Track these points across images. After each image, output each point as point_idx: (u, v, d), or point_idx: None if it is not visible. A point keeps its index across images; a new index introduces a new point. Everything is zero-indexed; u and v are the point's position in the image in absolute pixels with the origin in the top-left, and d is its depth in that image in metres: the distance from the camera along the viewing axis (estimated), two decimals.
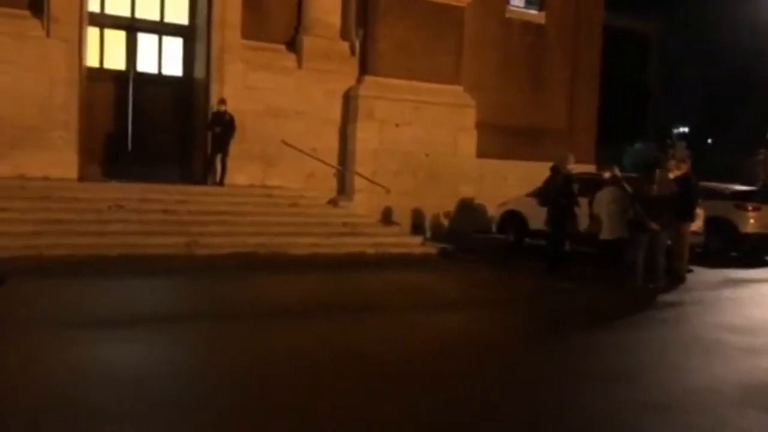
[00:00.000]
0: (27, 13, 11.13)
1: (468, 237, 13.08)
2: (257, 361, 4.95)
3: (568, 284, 8.79)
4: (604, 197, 8.78)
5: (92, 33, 12.73)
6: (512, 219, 12.83)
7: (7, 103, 10.69)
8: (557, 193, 9.01)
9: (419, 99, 13.61)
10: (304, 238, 10.22)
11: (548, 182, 9.30)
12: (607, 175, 9.31)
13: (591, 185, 9.49)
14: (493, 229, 13.54)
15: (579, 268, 9.29)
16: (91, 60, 12.76)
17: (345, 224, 11.16)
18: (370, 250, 10.35)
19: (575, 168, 9.68)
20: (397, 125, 13.50)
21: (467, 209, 14.19)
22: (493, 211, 13.82)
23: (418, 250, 10.85)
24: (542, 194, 9.51)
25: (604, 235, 8.68)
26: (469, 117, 14.32)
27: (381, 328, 6.16)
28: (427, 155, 13.78)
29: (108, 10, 13.63)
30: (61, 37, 11.13)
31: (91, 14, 12.34)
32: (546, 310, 7.68)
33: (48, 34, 11.10)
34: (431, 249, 10.99)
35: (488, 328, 6.56)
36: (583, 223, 9.33)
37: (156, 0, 14.03)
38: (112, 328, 5.63)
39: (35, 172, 10.75)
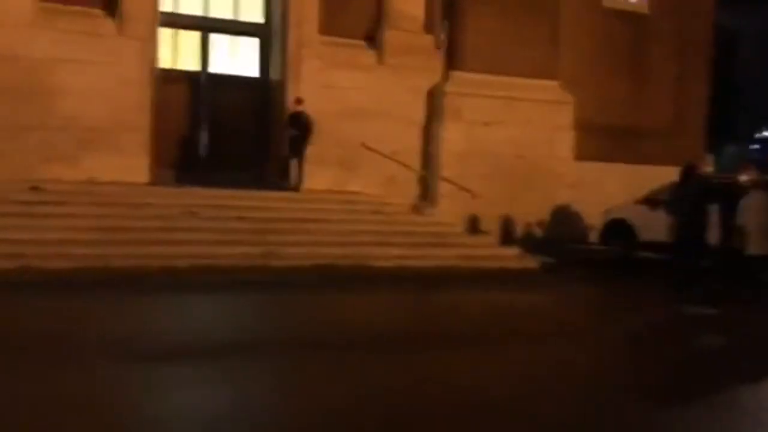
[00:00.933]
0: (100, 11, 10.65)
1: (565, 248, 11.70)
2: (354, 405, 3.89)
3: (709, 309, 7.29)
4: (752, 205, 7.30)
5: (165, 33, 12.22)
6: (619, 229, 11.37)
7: (79, 103, 10.22)
8: (694, 200, 7.55)
9: (511, 96, 12.38)
10: (389, 249, 9.18)
11: (680, 187, 7.87)
12: (744, 177, 7.84)
13: (725, 190, 8.04)
14: (594, 239, 12.12)
15: (715, 288, 7.79)
16: (164, 61, 12.25)
17: (432, 234, 10.07)
18: (462, 264, 9.19)
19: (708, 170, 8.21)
20: (486, 124, 12.30)
21: (563, 217, 12.80)
22: (592, 218, 12.43)
23: (516, 264, 9.61)
24: (672, 201, 8.05)
25: (753, 250, 7.19)
26: (566, 115, 12.96)
27: (494, 364, 4.98)
28: (519, 157, 12.52)
29: (181, 10, 13.14)
30: (134, 36, 10.58)
31: (164, 14, 11.82)
32: (697, 347, 6.17)
33: (120, 33, 10.58)
34: (530, 262, 9.73)
35: (631, 372, 5.10)
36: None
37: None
38: (187, 359, 4.68)
39: (105, 176, 10.21)
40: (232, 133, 12.58)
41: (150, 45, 10.77)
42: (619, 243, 11.31)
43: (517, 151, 12.51)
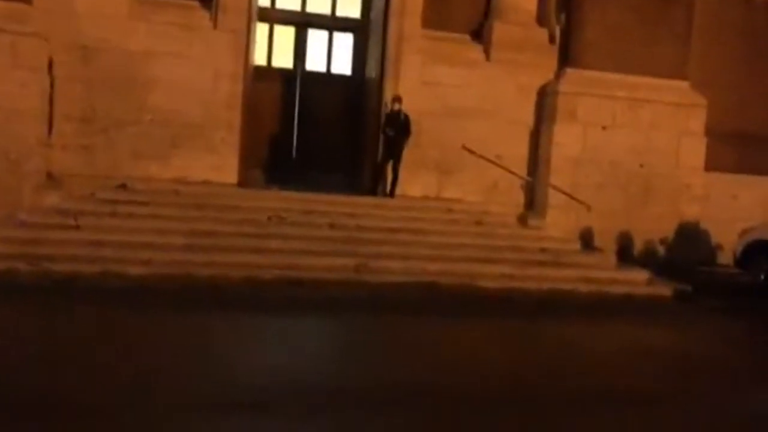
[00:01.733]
0: (196, 3, 10.21)
1: (693, 271, 10.19)
2: None
3: None
4: None
5: (261, 29, 11.73)
6: (762, 251, 9.75)
7: (174, 97, 9.80)
8: None
9: (634, 96, 10.96)
10: (494, 266, 8.12)
11: None
12: None
13: None
14: (728, 261, 10.51)
15: None
16: (259, 58, 11.76)
17: (543, 250, 8.90)
18: (581, 287, 7.98)
19: None
20: (604, 128, 10.95)
21: (689, 235, 11.23)
22: (723, 237, 10.84)
23: (644, 290, 8.27)
24: None
25: None
26: (697, 119, 11.36)
27: None
28: (641, 166, 11.07)
29: (279, 5, 12.65)
30: (229, 29, 10.06)
31: (261, 9, 11.30)
32: None
33: (215, 26, 10.09)
34: (662, 289, 8.36)
35: None
36: None
37: None
38: (283, 412, 3.73)
39: (195, 175, 9.78)
40: (324, 134, 11.93)
41: (245, 39, 10.22)
42: (763, 267, 9.70)
43: (638, 159, 11.07)
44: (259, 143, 11.10)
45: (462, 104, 10.91)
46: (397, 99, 10.38)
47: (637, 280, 8.55)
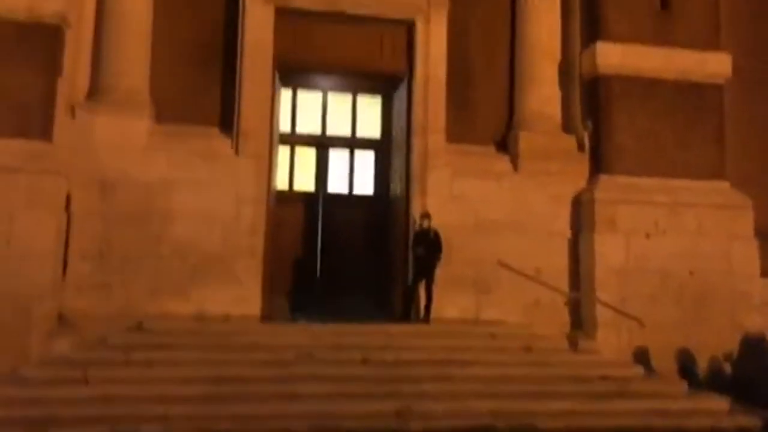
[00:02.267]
0: (216, 130, 10.03)
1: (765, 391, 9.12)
2: None
3: None
4: None
5: (282, 152, 11.53)
6: None
7: (194, 227, 9.39)
8: None
9: (674, 201, 10.38)
10: (554, 401, 7.18)
11: None
12: None
13: None
14: None
15: None
16: (280, 182, 11.48)
17: (604, 378, 7.96)
18: (656, 422, 6.97)
19: None
20: (647, 236, 10.28)
21: (755, 349, 10.22)
22: None
23: (729, 422, 7.20)
24: None
25: None
26: (745, 222, 10.68)
27: None
28: (691, 273, 10.28)
29: (299, 129, 12.56)
30: (251, 155, 9.79)
31: (282, 134, 11.15)
32: None
33: (237, 152, 9.84)
34: (748, 419, 7.30)
35: None
36: None
37: (347, 114, 12.82)
38: None
39: (216, 308, 9.14)
40: (350, 256, 11.40)
41: (267, 164, 9.93)
42: None
43: (687, 266, 10.30)
44: (283, 269, 10.55)
45: (494, 217, 10.38)
46: (426, 216, 9.87)
47: (718, 410, 7.51)
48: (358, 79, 12.47)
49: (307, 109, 12.77)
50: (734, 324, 10.22)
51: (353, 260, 11.18)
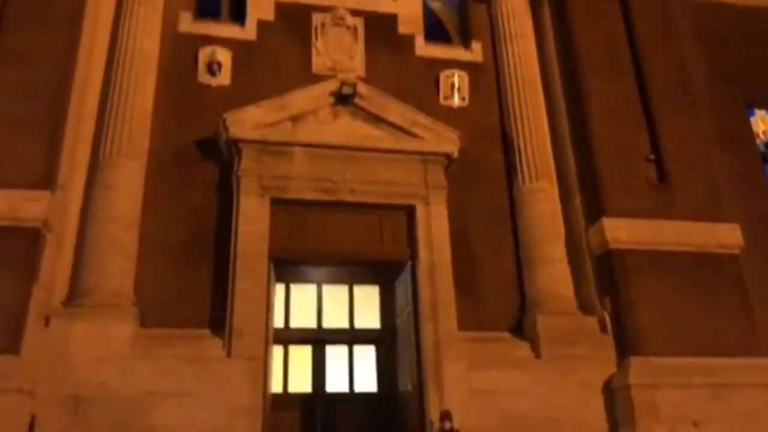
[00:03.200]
0: (206, 331, 9.09)
1: None
2: None
3: None
4: None
5: (275, 351, 10.52)
6: None
7: None
8: None
9: (716, 382, 9.37)
10: None
11: None
12: None
13: None
14: None
15: None
16: (275, 383, 10.32)
17: None
18: None
19: None
20: (695, 424, 9.11)
21: None
22: None
23: None
24: None
25: None
26: None
27: None
28: None
29: (294, 323, 11.71)
30: (244, 356, 8.76)
31: (276, 330, 10.23)
32: None
33: (229, 354, 8.81)
34: None
35: None
36: None
37: (344, 305, 12.10)
38: None
39: None
40: None
41: (262, 366, 8.86)
42: None
43: None
44: None
45: (521, 411, 9.20)
46: (446, 415, 8.61)
47: None
48: (355, 269, 11.94)
49: (302, 302, 12.07)
50: None
51: None
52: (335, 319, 12.07)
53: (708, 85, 12.01)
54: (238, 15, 11.24)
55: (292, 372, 11.42)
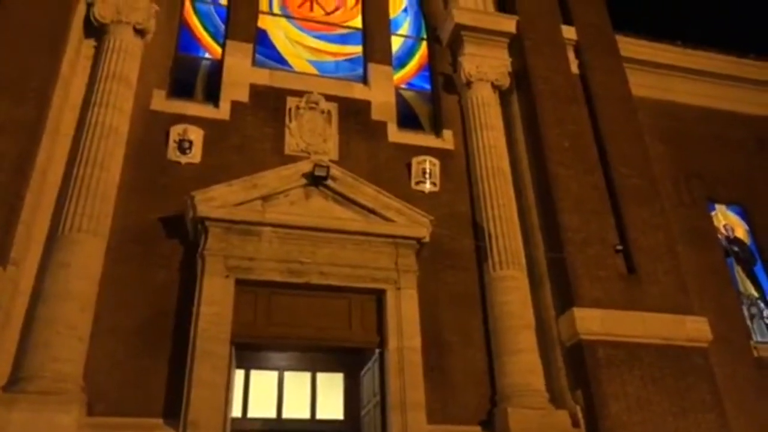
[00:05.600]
0: (159, 421, 8.47)
1: None
2: None
3: None
4: None
5: None
6: None
7: None
8: None
9: None
10: None
11: None
12: None
13: None
14: None
15: None
16: None
17: None
18: None
19: None
20: None
21: None
22: None
23: None
24: None
25: None
26: None
27: None
28: None
29: (251, 412, 11.07)
30: None
31: (234, 420, 9.62)
32: None
33: None
34: None
35: None
36: None
37: (306, 394, 11.56)
38: None
39: None
40: None
41: None
42: None
43: None
44: None
45: None
46: None
47: None
48: (320, 355, 11.49)
49: (262, 390, 11.48)
50: None
51: None
52: (296, 408, 11.48)
53: (671, 180, 12.41)
54: (213, 96, 11.27)
55: None
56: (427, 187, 11.32)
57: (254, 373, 11.47)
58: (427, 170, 11.34)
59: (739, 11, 30.81)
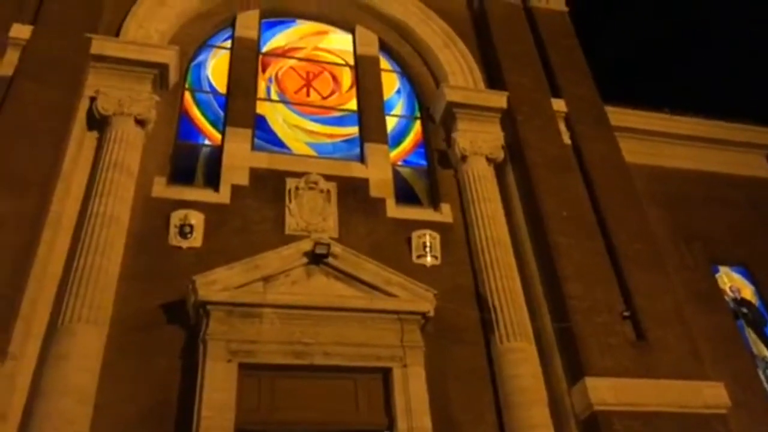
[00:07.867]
0: None
1: None
2: None
3: None
4: None
5: None
6: None
7: None
8: None
9: None
10: None
11: None
12: None
13: None
14: None
15: None
16: None
17: None
18: None
19: None
20: None
21: None
22: None
23: None
24: None
25: None
26: None
27: None
28: None
29: None
30: None
31: None
32: None
33: None
34: None
35: None
36: None
37: None
38: None
39: None
40: None
41: None
42: None
43: None
44: None
45: None
46: None
47: None
48: None
49: None
50: None
51: None
52: None
53: (672, 244, 12.40)
54: (213, 181, 11.43)
55: None
56: (429, 260, 11.29)
57: None
58: (428, 244, 11.34)
59: (721, 76, 31.92)
